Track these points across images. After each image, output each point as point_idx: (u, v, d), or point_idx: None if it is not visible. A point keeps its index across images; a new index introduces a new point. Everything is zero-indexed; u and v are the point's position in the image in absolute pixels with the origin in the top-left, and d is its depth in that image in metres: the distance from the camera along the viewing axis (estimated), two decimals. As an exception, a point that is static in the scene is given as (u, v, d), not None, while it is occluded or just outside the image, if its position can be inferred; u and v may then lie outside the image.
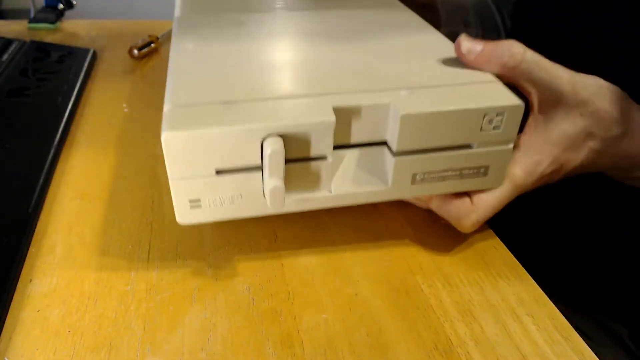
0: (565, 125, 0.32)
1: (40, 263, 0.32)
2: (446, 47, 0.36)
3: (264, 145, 0.27)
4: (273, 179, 0.27)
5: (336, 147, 0.29)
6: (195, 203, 0.28)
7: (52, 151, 0.42)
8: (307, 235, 0.36)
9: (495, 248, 0.36)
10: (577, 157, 0.33)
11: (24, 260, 0.32)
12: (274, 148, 0.26)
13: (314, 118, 0.27)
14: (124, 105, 0.52)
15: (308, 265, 0.33)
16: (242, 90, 0.29)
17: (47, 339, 0.28)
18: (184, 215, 0.29)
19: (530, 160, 0.32)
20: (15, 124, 0.45)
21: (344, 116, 0.28)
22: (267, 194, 0.28)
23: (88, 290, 0.31)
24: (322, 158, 0.29)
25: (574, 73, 0.32)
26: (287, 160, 0.28)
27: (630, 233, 0.44)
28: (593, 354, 0.29)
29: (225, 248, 0.34)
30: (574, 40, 0.45)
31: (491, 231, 0.37)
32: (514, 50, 0.31)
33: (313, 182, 0.30)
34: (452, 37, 0.54)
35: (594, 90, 0.32)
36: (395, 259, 0.34)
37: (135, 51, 0.62)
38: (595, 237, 0.46)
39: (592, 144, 0.32)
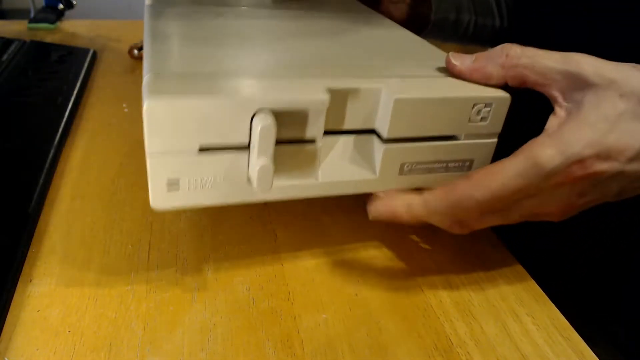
0: (604, 108, 0.26)
1: (40, 263, 0.32)
2: (433, 52, 0.36)
3: (254, 121, 0.25)
4: (262, 158, 0.26)
5: (325, 133, 0.29)
6: (173, 185, 0.26)
7: (52, 151, 0.42)
8: (307, 235, 0.36)
9: (495, 248, 0.36)
10: (633, 142, 0.26)
11: (24, 260, 0.32)
12: (265, 123, 0.25)
13: (308, 95, 0.27)
14: (124, 105, 0.52)
15: (308, 265, 0.34)
16: (232, 65, 0.28)
17: (47, 339, 0.28)
18: (160, 198, 0.27)
19: (560, 141, 0.26)
20: (15, 124, 0.45)
21: (337, 98, 0.28)
22: (254, 175, 0.26)
23: (88, 290, 0.31)
24: (311, 142, 0.28)
25: (590, 56, 0.28)
26: (276, 142, 0.26)
27: (631, 237, 0.43)
28: (593, 354, 0.29)
29: (225, 248, 0.34)
30: (574, 29, 0.44)
31: (491, 231, 0.37)
32: (508, 50, 0.29)
33: (301, 167, 0.29)
34: (444, 24, 0.54)
35: (626, 68, 0.27)
36: (395, 259, 0.34)
37: (135, 51, 0.62)
38: (595, 242, 0.45)
39: None
